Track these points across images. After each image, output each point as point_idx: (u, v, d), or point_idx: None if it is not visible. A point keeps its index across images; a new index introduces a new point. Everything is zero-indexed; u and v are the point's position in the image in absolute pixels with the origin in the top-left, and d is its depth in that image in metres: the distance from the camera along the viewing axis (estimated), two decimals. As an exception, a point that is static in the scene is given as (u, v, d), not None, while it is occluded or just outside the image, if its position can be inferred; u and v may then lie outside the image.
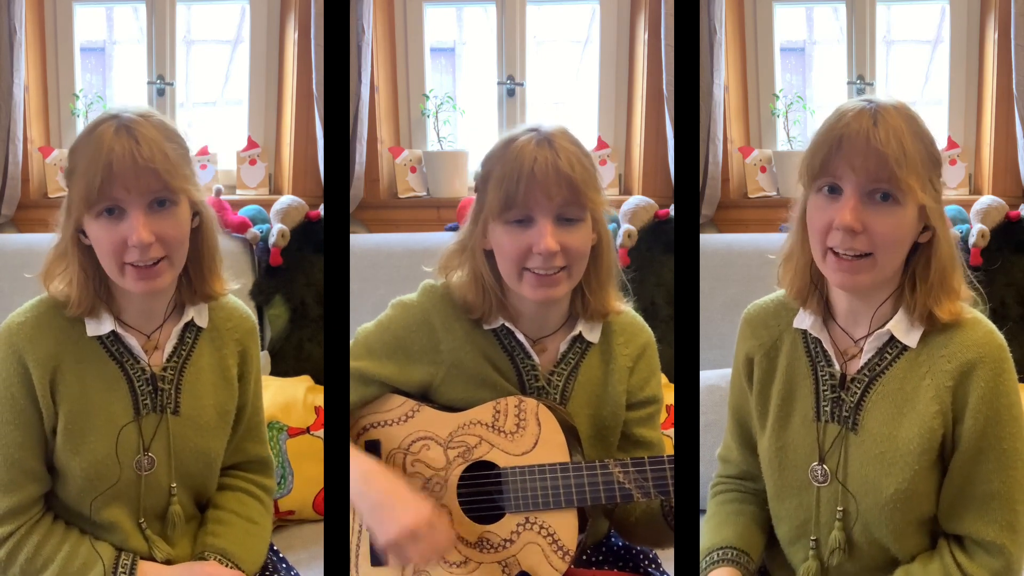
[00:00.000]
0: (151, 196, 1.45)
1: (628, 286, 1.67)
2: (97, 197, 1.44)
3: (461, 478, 1.57)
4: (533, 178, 1.49)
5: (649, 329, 1.70)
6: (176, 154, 1.48)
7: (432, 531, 1.48)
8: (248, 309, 1.69)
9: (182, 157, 1.50)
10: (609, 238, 1.60)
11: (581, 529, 1.52)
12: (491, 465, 1.56)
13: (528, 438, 1.54)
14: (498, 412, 1.56)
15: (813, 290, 1.49)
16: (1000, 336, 1.43)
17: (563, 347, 1.62)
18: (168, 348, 1.58)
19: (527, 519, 1.53)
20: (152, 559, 1.57)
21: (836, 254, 1.39)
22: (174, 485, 1.58)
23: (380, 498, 1.50)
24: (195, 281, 1.58)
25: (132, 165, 1.43)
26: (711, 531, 1.60)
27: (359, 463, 1.53)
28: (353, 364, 1.59)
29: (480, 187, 1.57)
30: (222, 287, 1.61)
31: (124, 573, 1.52)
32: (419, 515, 1.48)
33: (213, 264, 1.58)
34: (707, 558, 1.56)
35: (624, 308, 1.66)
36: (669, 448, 1.95)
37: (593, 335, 1.63)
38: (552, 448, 1.53)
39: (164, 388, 1.57)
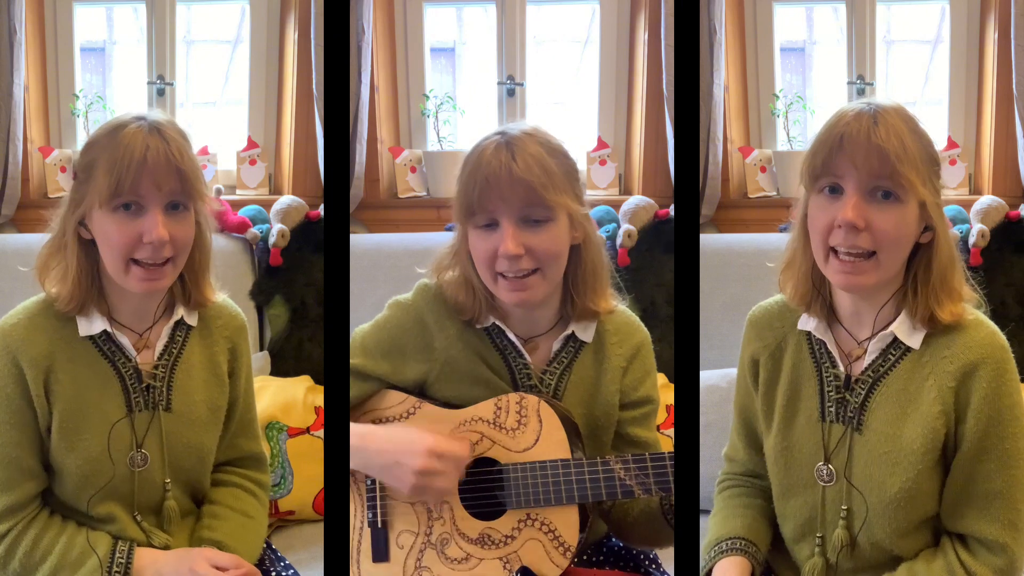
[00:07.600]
0: (172, 197, 1.50)
1: (623, 286, 1.67)
2: (127, 190, 1.47)
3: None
4: (487, 183, 1.51)
5: (645, 329, 1.69)
6: (196, 162, 1.54)
7: (443, 457, 1.52)
8: (237, 307, 1.72)
9: (199, 167, 1.55)
10: (594, 236, 1.60)
11: (582, 525, 1.53)
12: (492, 462, 1.57)
13: (529, 435, 1.55)
14: (499, 409, 1.57)
15: (816, 295, 1.50)
16: (1002, 337, 1.44)
17: (556, 346, 1.63)
18: (159, 346, 1.61)
19: (528, 515, 1.54)
20: (150, 547, 1.58)
21: (839, 255, 1.40)
22: (168, 480, 1.61)
23: (383, 459, 1.54)
24: (189, 286, 1.61)
25: (165, 163, 1.48)
26: (719, 523, 1.61)
27: (352, 431, 1.55)
28: (351, 362, 1.60)
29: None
30: (213, 294, 1.65)
31: (121, 560, 1.54)
32: (424, 456, 1.51)
33: (207, 271, 1.63)
34: (715, 547, 1.56)
35: (617, 307, 1.65)
36: (666, 447, 1.95)
37: (586, 335, 1.63)
38: (553, 445, 1.54)
39: (156, 385, 1.59)
